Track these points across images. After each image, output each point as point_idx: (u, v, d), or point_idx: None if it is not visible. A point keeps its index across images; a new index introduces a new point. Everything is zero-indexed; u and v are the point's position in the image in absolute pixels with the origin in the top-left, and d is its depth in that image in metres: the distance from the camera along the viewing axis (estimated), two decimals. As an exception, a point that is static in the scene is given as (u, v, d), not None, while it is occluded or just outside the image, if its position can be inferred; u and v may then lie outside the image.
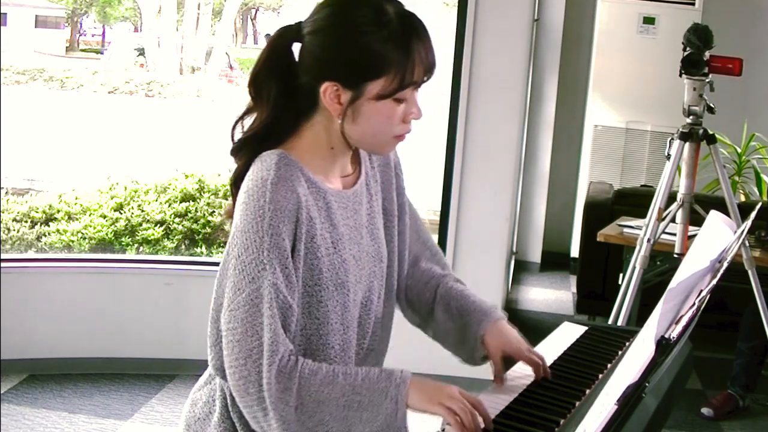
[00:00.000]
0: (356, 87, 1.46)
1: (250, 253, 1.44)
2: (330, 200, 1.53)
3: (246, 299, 1.43)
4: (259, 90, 1.54)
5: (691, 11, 5.91)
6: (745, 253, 3.57)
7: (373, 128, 1.50)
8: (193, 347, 1.62)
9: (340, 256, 1.53)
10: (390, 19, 1.46)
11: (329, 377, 1.43)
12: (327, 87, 1.47)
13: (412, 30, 1.48)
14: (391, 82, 1.46)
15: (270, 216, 1.43)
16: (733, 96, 5.77)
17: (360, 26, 1.46)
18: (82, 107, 8.41)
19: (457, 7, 3.96)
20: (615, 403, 1.28)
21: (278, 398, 1.40)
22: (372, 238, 1.62)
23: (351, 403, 1.42)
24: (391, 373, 1.45)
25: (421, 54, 1.47)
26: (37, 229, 5.26)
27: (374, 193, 1.66)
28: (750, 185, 5.89)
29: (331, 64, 1.47)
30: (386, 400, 1.42)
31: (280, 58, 1.53)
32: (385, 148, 1.57)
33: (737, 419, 3.96)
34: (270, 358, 1.41)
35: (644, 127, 6.18)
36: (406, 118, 1.51)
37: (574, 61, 6.59)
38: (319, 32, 1.49)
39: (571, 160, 6.62)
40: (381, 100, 1.47)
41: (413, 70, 1.47)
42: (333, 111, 1.49)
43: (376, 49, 1.45)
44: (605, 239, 4.07)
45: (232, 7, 9.00)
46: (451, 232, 4.04)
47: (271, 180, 1.45)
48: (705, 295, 1.55)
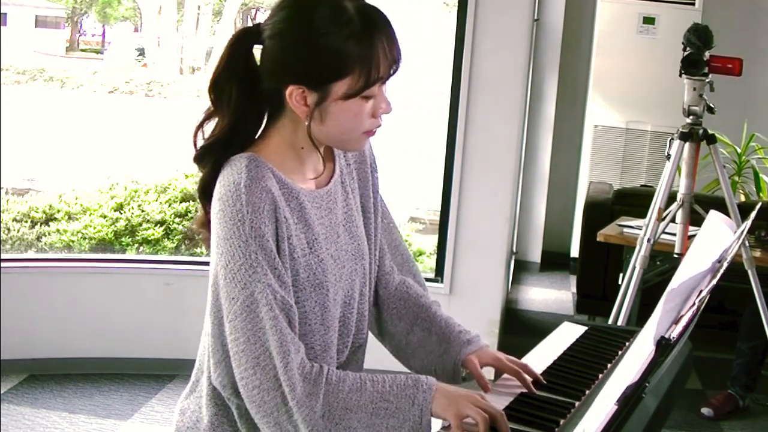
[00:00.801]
0: (322, 88, 1.44)
1: (237, 259, 1.41)
2: (303, 200, 1.51)
3: (241, 307, 1.41)
4: (220, 95, 1.50)
5: (691, 11, 5.91)
6: (745, 253, 3.57)
7: (341, 127, 1.48)
8: (193, 347, 1.62)
9: (317, 256, 1.51)
10: (350, 17, 1.43)
11: (357, 384, 1.41)
12: (292, 90, 1.45)
13: (373, 25, 1.44)
14: (356, 80, 1.44)
15: (250, 218, 1.41)
16: (733, 96, 5.77)
17: (319, 27, 1.42)
18: (82, 107, 8.40)
19: (457, 7, 3.96)
20: (615, 403, 1.28)
21: (303, 402, 1.37)
22: (350, 236, 1.60)
23: (378, 410, 1.41)
24: (418, 380, 1.44)
25: (385, 48, 1.44)
26: (37, 229, 5.26)
27: (351, 190, 1.64)
28: (750, 185, 5.89)
29: (293, 67, 1.44)
30: (413, 407, 1.41)
31: (239, 61, 1.50)
32: (355, 145, 1.54)
33: (737, 419, 3.96)
34: (283, 359, 1.38)
35: (644, 127, 6.18)
36: (375, 113, 1.49)
37: (574, 61, 6.59)
38: (278, 36, 1.46)
39: (571, 160, 6.62)
40: (348, 99, 1.45)
41: (378, 66, 1.44)
42: (300, 113, 1.47)
43: (338, 48, 1.42)
44: (605, 239, 4.07)
45: (232, 7, 9.00)
46: (451, 232, 4.04)
47: (244, 182, 1.42)
48: (705, 295, 1.55)
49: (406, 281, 1.77)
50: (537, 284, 6.24)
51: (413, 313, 1.73)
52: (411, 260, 1.81)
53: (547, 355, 1.80)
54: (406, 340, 1.72)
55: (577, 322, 2.04)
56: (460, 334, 1.72)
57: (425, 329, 1.72)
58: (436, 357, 1.70)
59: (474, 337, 1.72)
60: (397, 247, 1.77)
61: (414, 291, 1.76)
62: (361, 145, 1.55)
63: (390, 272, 1.75)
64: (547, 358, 1.78)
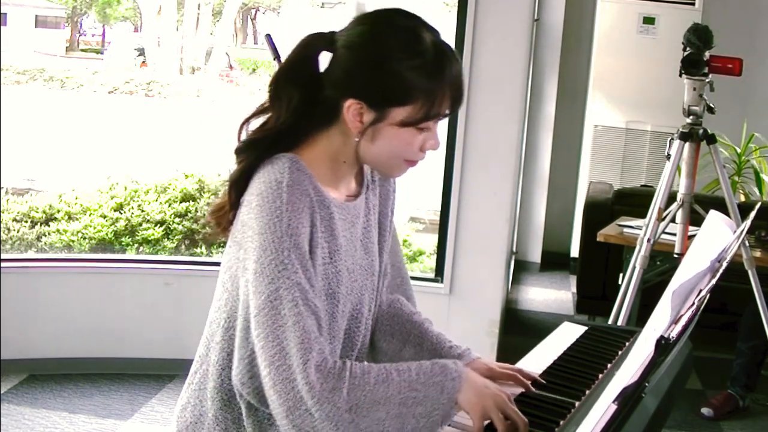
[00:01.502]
0: (381, 109, 1.45)
1: (268, 254, 1.40)
2: (333, 210, 1.51)
3: (265, 302, 1.40)
4: (279, 94, 1.51)
5: (691, 11, 5.91)
6: (745, 253, 3.57)
7: (389, 152, 1.49)
8: (193, 347, 1.61)
9: (334, 266, 1.51)
10: (425, 49, 1.45)
11: (383, 375, 1.40)
12: (351, 104, 1.45)
13: (446, 63, 1.46)
14: (417, 111, 1.45)
15: (288, 217, 1.41)
16: (733, 96, 5.77)
17: (394, 51, 1.44)
18: (82, 107, 8.40)
19: (457, 7, 3.96)
20: (615, 403, 1.28)
21: (324, 398, 1.35)
22: (366, 251, 1.61)
23: (407, 399, 1.39)
24: (446, 366, 1.43)
25: (451, 88, 1.46)
26: (37, 229, 5.26)
27: (372, 206, 1.65)
28: (750, 185, 5.89)
29: (359, 82, 1.45)
30: (442, 395, 1.41)
31: (305, 65, 1.51)
32: (395, 172, 1.56)
33: (737, 419, 3.96)
34: (302, 357, 1.36)
35: (644, 127, 6.18)
36: (423, 147, 1.50)
37: (574, 61, 6.59)
38: (353, 47, 1.47)
39: (571, 160, 6.61)
40: (404, 127, 1.46)
41: (441, 102, 1.46)
42: (353, 128, 1.47)
43: (407, 77, 1.43)
44: (605, 239, 4.07)
45: (232, 7, 9.00)
46: (451, 232, 4.04)
47: (287, 182, 1.43)
48: (705, 295, 1.55)
49: (399, 299, 1.77)
50: (537, 284, 6.24)
51: (406, 329, 1.73)
52: (408, 283, 1.83)
53: (547, 355, 1.80)
54: (398, 357, 1.72)
55: (577, 322, 2.04)
56: (451, 349, 1.71)
57: (417, 345, 1.71)
58: None
59: (465, 350, 1.71)
60: (399, 269, 1.79)
61: (407, 308, 1.76)
62: (400, 173, 1.55)
63: (386, 288, 1.75)
64: (547, 358, 1.78)
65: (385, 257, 1.69)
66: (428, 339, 1.72)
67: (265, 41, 3.14)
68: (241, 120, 1.57)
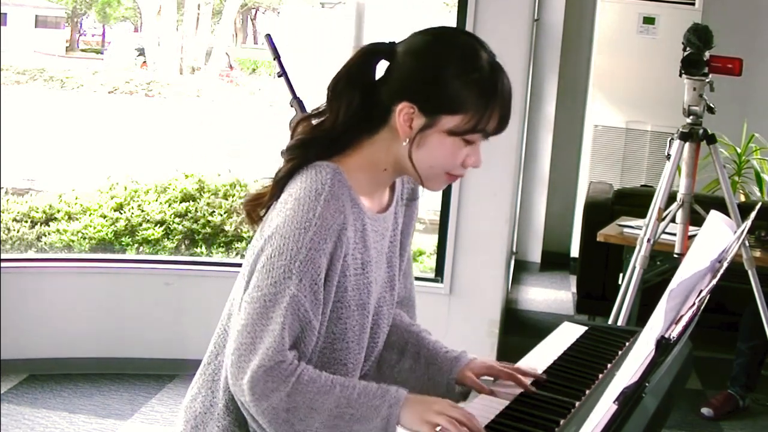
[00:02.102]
0: (432, 116, 1.48)
1: (282, 258, 1.43)
2: (366, 222, 1.54)
3: (260, 298, 1.44)
4: (338, 98, 1.53)
5: (691, 11, 5.91)
6: (745, 253, 3.57)
7: (434, 160, 1.52)
8: (193, 347, 1.62)
9: (366, 278, 1.54)
10: (482, 65, 1.50)
11: (327, 387, 1.43)
12: (404, 107, 1.48)
13: (500, 82, 1.51)
14: (466, 122, 1.49)
15: (314, 231, 1.44)
16: (733, 96, 5.77)
17: (452, 61, 1.49)
18: (82, 107, 8.40)
19: (457, 7, 3.96)
20: (615, 403, 1.28)
21: (262, 397, 1.41)
22: (388, 265, 1.64)
23: (343, 414, 1.42)
24: (387, 391, 1.46)
25: (501, 107, 1.51)
26: (37, 229, 5.26)
27: (399, 223, 1.68)
28: (750, 185, 5.89)
29: (415, 86, 1.49)
30: (377, 419, 1.43)
31: (365, 70, 1.54)
32: (434, 184, 1.58)
33: (737, 419, 3.96)
34: (262, 360, 1.41)
35: (644, 127, 6.18)
36: (465, 162, 1.53)
37: (574, 61, 6.59)
38: (413, 54, 1.52)
39: (571, 160, 6.61)
40: (451, 136, 1.49)
41: (489, 118, 1.50)
42: (402, 132, 1.50)
43: (462, 87, 1.48)
44: (605, 239, 4.07)
45: (232, 7, 8.99)
46: (451, 232, 4.04)
47: (325, 196, 1.45)
48: (705, 295, 1.55)
49: (399, 312, 1.79)
50: (537, 284, 6.24)
51: (403, 339, 1.75)
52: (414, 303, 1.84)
53: (547, 355, 1.81)
54: (398, 367, 1.74)
55: (577, 322, 2.04)
56: (446, 354, 1.72)
57: (414, 354, 1.73)
58: (426, 380, 1.71)
59: (461, 353, 1.73)
60: (409, 291, 1.80)
61: (405, 320, 1.79)
62: (439, 185, 1.58)
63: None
64: (547, 358, 1.79)
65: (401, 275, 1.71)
66: (424, 347, 1.74)
67: (265, 41, 3.14)
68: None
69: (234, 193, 5.39)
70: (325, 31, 8.52)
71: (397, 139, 1.51)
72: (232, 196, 5.37)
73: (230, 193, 5.42)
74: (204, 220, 5.26)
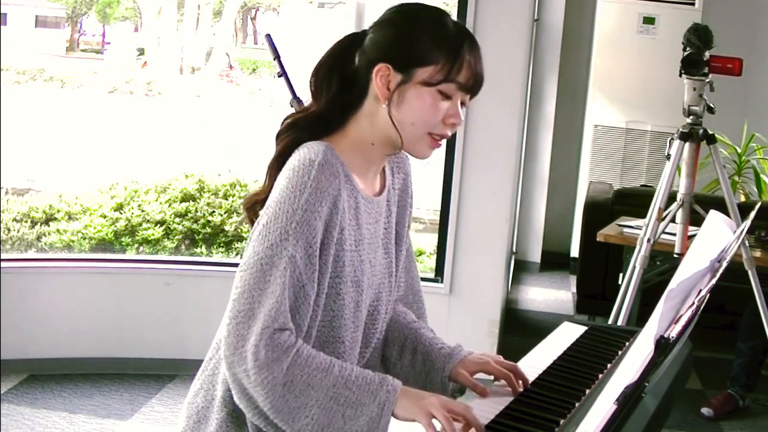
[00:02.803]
0: (406, 71, 1.54)
1: (278, 222, 1.46)
2: (359, 201, 1.57)
3: (257, 261, 1.45)
4: (321, 83, 1.61)
5: (691, 11, 5.91)
6: (745, 253, 3.57)
7: (414, 116, 1.55)
8: (193, 347, 1.63)
9: (359, 255, 1.56)
10: (448, 25, 1.58)
11: (324, 365, 1.44)
12: (380, 68, 1.55)
13: (466, 38, 1.58)
14: (438, 71, 1.54)
15: (309, 193, 1.47)
16: (733, 96, 5.77)
17: (421, 21, 1.58)
18: (82, 107, 8.40)
19: (457, 7, 3.96)
20: (614, 403, 1.28)
21: (265, 366, 1.40)
22: (385, 251, 1.66)
23: (339, 396, 1.43)
24: (384, 379, 1.46)
25: (470, 61, 1.56)
26: (37, 229, 5.26)
27: (393, 212, 1.70)
28: (750, 185, 5.89)
29: (387, 47, 1.57)
30: (373, 404, 1.43)
31: (343, 57, 1.61)
32: (419, 146, 1.60)
33: (737, 419, 3.96)
34: (265, 323, 1.41)
35: (644, 127, 6.18)
36: (446, 120, 1.57)
37: (574, 61, 6.59)
38: (383, 23, 1.61)
39: (571, 160, 6.62)
40: (427, 87, 1.53)
41: (461, 68, 1.55)
42: (381, 95, 1.55)
43: (431, 40, 1.55)
44: (605, 239, 4.07)
45: (232, 7, 9.00)
46: (451, 232, 4.04)
47: (319, 161, 1.49)
48: (704, 294, 1.55)
49: (405, 311, 1.80)
50: (537, 284, 6.24)
51: (403, 335, 1.76)
52: (421, 301, 1.85)
53: (547, 355, 1.81)
54: (399, 363, 1.75)
55: (577, 322, 2.04)
56: (440, 350, 1.73)
57: (412, 350, 1.74)
58: (424, 377, 1.72)
59: (454, 349, 1.73)
60: (412, 286, 1.82)
61: (409, 317, 1.79)
62: (424, 149, 1.60)
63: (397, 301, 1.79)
64: (547, 358, 1.79)
65: (400, 266, 1.72)
66: (422, 342, 1.74)
67: (265, 41, 3.14)
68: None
69: (234, 193, 5.39)
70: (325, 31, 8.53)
71: (379, 109, 1.56)
72: (232, 196, 5.38)
73: (230, 193, 5.42)
74: (204, 220, 5.26)
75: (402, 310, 1.80)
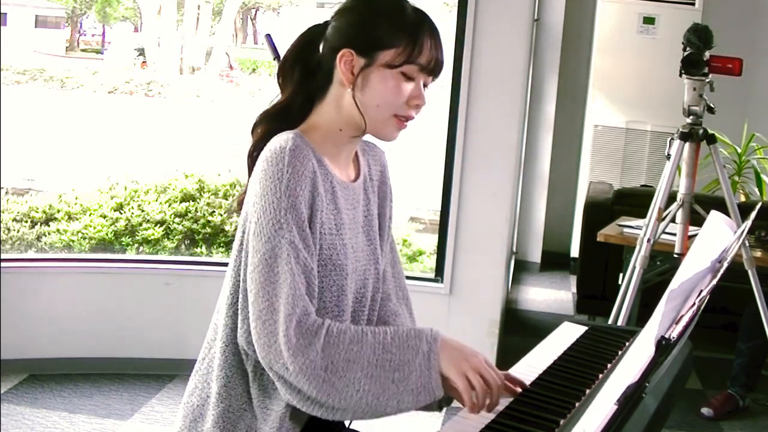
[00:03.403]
0: (369, 54, 1.58)
1: (267, 214, 1.48)
2: (335, 185, 1.60)
3: (261, 259, 1.47)
4: (285, 77, 1.65)
5: (691, 11, 5.91)
6: (745, 253, 3.57)
7: (379, 98, 1.58)
8: (193, 347, 1.62)
9: (341, 239, 1.58)
10: (407, 9, 1.63)
11: (358, 335, 1.45)
12: (343, 54, 1.59)
13: (425, 21, 1.62)
14: (400, 53, 1.58)
15: (288, 178, 1.49)
16: (733, 96, 5.77)
17: (380, 8, 1.62)
18: (82, 107, 8.40)
19: (457, 7, 3.95)
20: (615, 403, 1.28)
21: (299, 352, 1.41)
22: (368, 238, 1.67)
23: (382, 361, 1.43)
24: (421, 331, 1.48)
25: (430, 44, 1.60)
26: (37, 229, 5.26)
27: (371, 200, 1.71)
28: (750, 185, 5.89)
29: (349, 33, 1.61)
30: (418, 357, 1.44)
31: (305, 49, 1.65)
32: (385, 128, 1.62)
33: (737, 419, 3.96)
34: (287, 311, 1.43)
35: (644, 127, 6.18)
36: (410, 101, 1.60)
37: (574, 61, 6.59)
38: (344, 11, 1.65)
39: (571, 160, 6.62)
40: (390, 69, 1.58)
41: (421, 50, 1.59)
42: (346, 79, 1.59)
43: (391, 23, 1.59)
44: (605, 239, 4.07)
45: (232, 7, 8.99)
46: (451, 232, 4.04)
47: (290, 147, 1.51)
48: (705, 295, 1.55)
49: (401, 310, 1.79)
50: (537, 284, 6.24)
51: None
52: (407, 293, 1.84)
53: (547, 355, 1.81)
54: None
55: (577, 322, 2.04)
56: None
57: None
58: None
59: None
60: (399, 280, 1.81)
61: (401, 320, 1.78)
62: (390, 131, 1.63)
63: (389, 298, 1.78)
64: (547, 358, 1.78)
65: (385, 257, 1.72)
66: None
67: (265, 41, 3.14)
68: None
69: (234, 193, 5.39)
70: (325, 31, 8.51)
71: (344, 94, 1.60)
72: (232, 196, 5.38)
73: (230, 193, 5.42)
74: (204, 220, 5.26)
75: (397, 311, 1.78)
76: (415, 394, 1.43)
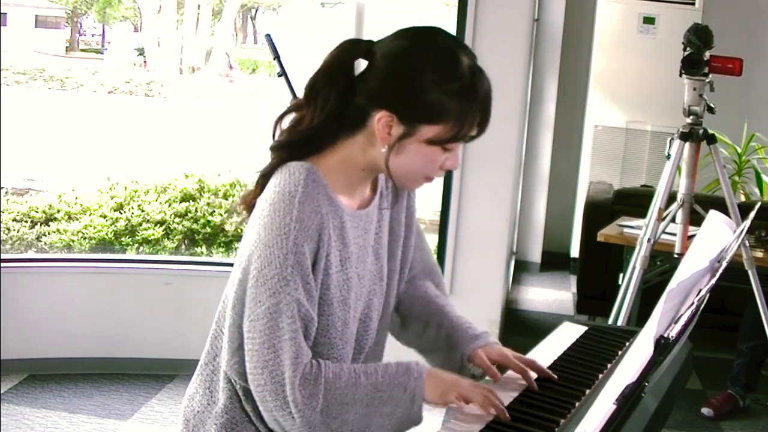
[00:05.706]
0: (411, 125, 1.47)
1: (272, 268, 1.45)
2: (345, 219, 1.54)
3: (265, 312, 1.45)
4: (316, 95, 1.52)
5: (691, 11, 5.91)
6: (745, 253, 3.57)
7: (412, 167, 1.52)
8: (193, 347, 1.62)
9: (345, 274, 1.55)
10: (462, 73, 1.48)
11: (352, 379, 1.47)
12: (383, 116, 1.47)
13: (481, 89, 1.51)
14: (446, 131, 1.48)
15: (295, 235, 1.45)
16: (733, 96, 5.77)
17: (432, 68, 1.46)
18: (82, 107, 8.41)
19: (457, 7, 3.95)
20: (614, 403, 1.28)
21: (305, 405, 1.43)
22: (376, 257, 1.65)
23: (373, 400, 1.47)
24: (408, 366, 1.51)
25: (482, 112, 1.52)
26: (37, 229, 5.26)
27: (384, 212, 1.67)
28: (750, 185, 5.89)
29: (394, 95, 1.47)
30: (405, 394, 1.48)
31: (343, 69, 1.52)
32: (412, 185, 1.59)
33: (737, 419, 3.96)
34: (293, 369, 1.44)
35: (644, 127, 6.18)
36: (443, 165, 1.53)
37: (574, 61, 6.59)
38: (392, 59, 1.49)
39: (571, 160, 6.61)
40: (430, 145, 1.48)
41: (471, 125, 1.50)
42: (381, 139, 1.49)
43: (442, 97, 1.46)
44: (605, 239, 4.07)
45: (232, 7, 9.01)
46: (451, 232, 4.04)
47: (299, 198, 1.45)
48: (704, 294, 1.55)
49: (427, 284, 1.83)
50: (537, 284, 6.24)
51: (428, 311, 1.79)
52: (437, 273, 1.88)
53: (547, 355, 1.80)
54: (424, 336, 1.78)
55: (577, 322, 2.04)
56: (468, 329, 1.75)
57: (436, 326, 1.77)
58: (445, 353, 1.74)
59: (482, 333, 1.75)
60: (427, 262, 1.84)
61: (432, 291, 1.82)
62: (417, 186, 1.60)
63: (414, 277, 1.82)
64: (547, 358, 1.78)
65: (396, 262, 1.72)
66: (447, 319, 1.78)
67: (265, 41, 3.14)
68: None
69: (234, 193, 5.40)
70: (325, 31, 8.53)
71: (374, 143, 1.50)
72: (232, 196, 5.38)
73: (230, 193, 5.42)
74: (204, 220, 5.27)
75: (424, 284, 1.82)
76: (398, 422, 1.49)
